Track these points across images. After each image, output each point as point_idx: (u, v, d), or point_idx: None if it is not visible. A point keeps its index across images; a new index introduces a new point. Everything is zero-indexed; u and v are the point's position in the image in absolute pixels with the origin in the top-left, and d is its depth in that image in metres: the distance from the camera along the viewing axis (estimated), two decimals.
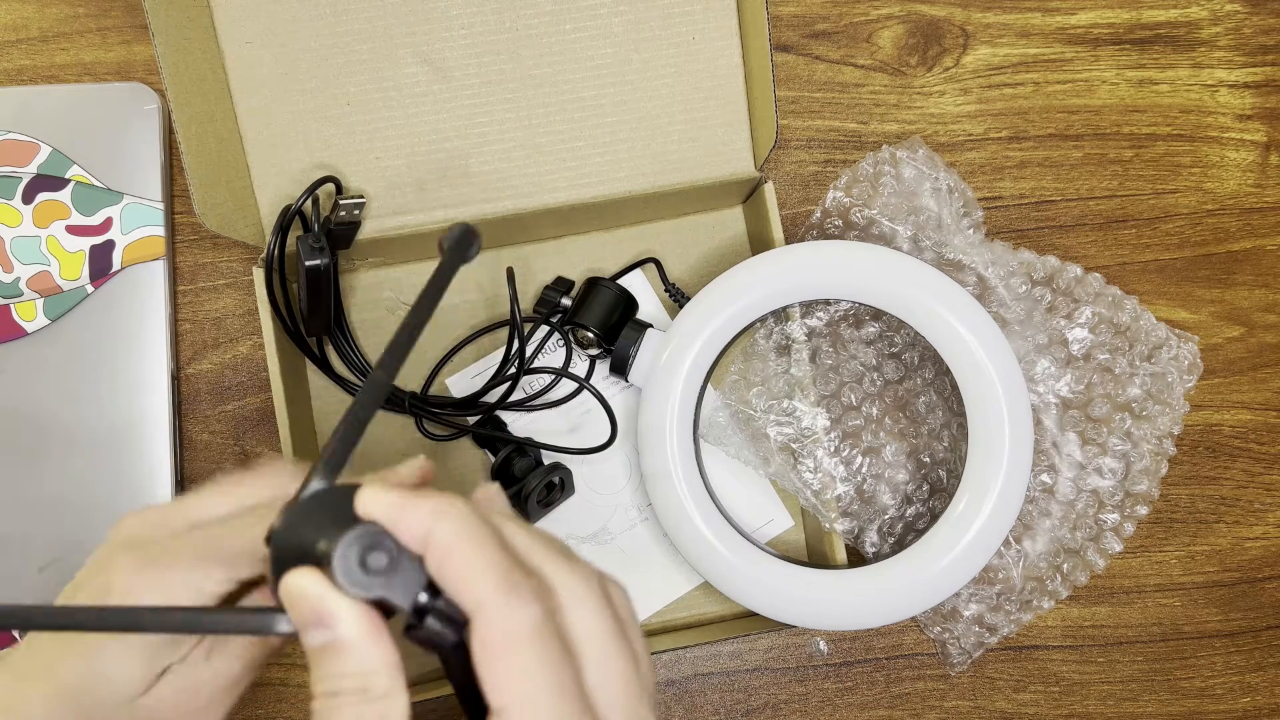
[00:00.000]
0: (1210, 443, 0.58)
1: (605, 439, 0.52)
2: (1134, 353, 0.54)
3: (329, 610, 0.23)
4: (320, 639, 0.23)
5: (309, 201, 0.48)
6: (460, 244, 0.33)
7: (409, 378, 0.54)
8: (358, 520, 0.24)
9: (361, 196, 0.50)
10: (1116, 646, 0.56)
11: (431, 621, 0.24)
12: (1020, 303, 0.53)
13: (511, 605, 0.23)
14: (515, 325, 0.51)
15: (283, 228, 0.48)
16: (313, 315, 0.50)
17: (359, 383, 0.53)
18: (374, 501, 0.24)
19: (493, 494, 0.28)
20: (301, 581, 0.24)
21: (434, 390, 0.54)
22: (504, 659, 0.23)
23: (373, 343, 0.54)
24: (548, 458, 0.53)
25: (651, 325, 0.52)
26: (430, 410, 0.52)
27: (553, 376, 0.53)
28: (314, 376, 0.54)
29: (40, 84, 0.55)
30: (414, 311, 0.30)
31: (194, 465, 0.53)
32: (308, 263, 0.47)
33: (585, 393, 0.54)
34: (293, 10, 0.50)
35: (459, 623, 0.24)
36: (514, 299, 0.51)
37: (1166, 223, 0.59)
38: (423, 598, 0.24)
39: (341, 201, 0.49)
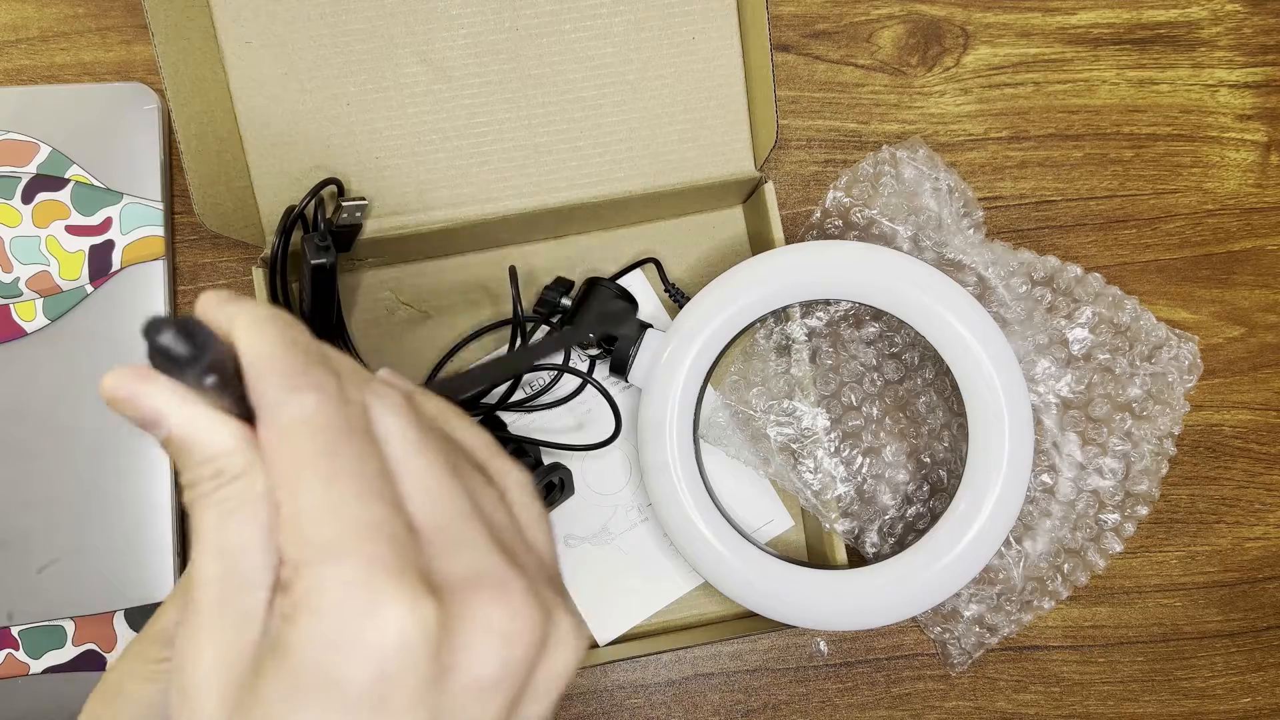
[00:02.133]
0: (1211, 443, 0.58)
1: (607, 436, 0.52)
2: (1134, 353, 0.54)
3: (148, 398, 0.21)
4: (160, 435, 0.21)
5: (310, 206, 0.48)
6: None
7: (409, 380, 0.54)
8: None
9: (364, 199, 0.50)
10: (1117, 647, 0.56)
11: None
12: (1020, 303, 0.53)
13: (287, 394, 0.21)
14: (518, 324, 0.51)
15: (286, 230, 0.48)
16: (315, 316, 0.50)
17: None
18: (202, 300, 0.22)
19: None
20: (109, 378, 0.21)
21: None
22: (281, 456, 0.20)
23: (372, 343, 0.54)
24: (550, 456, 0.53)
25: (651, 325, 0.52)
26: None
27: (554, 375, 0.53)
28: None
29: (40, 84, 0.55)
30: (518, 355, 0.32)
31: None
32: (313, 261, 0.47)
33: (586, 392, 0.54)
34: (293, 10, 0.50)
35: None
36: (516, 298, 0.51)
37: (1167, 223, 0.59)
38: (209, 380, 0.20)
39: (344, 204, 0.49)
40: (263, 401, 0.21)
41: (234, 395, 0.21)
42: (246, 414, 0.22)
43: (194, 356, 0.19)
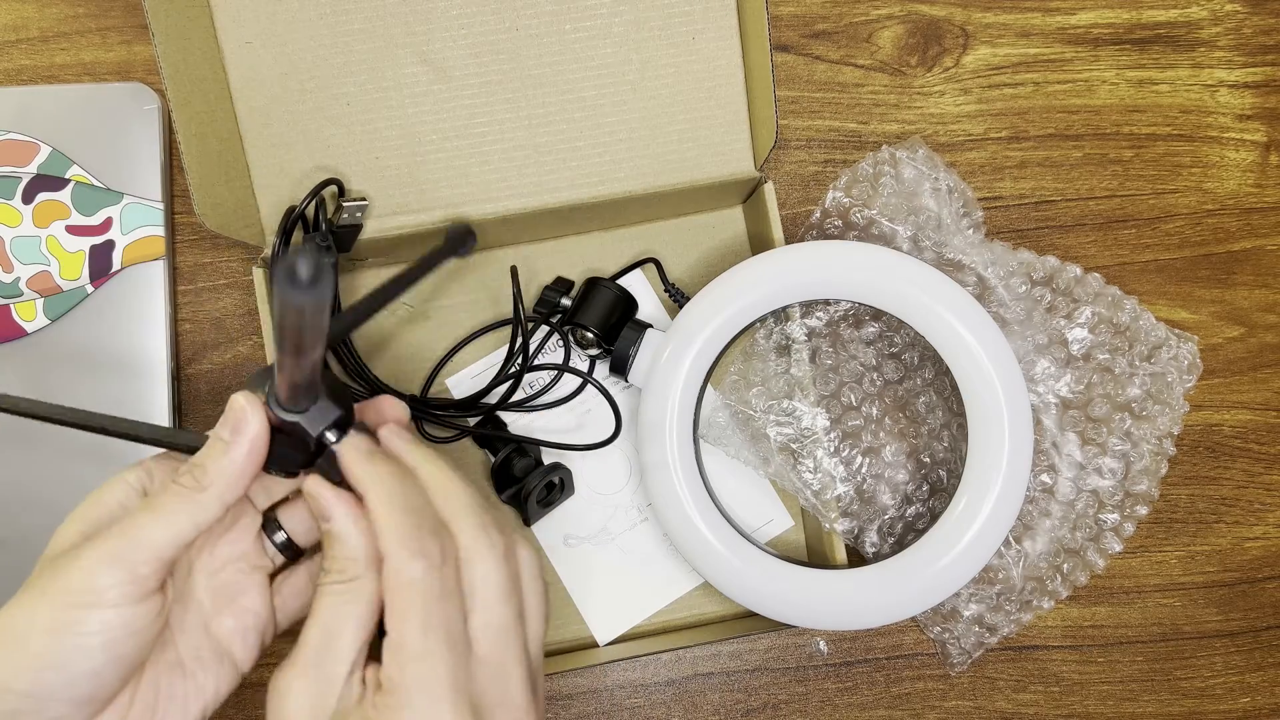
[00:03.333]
0: (1210, 443, 0.58)
1: (608, 436, 0.52)
2: (1134, 353, 0.54)
3: (325, 502, 0.31)
4: (325, 526, 0.31)
5: (310, 207, 0.48)
6: (459, 239, 0.39)
7: (409, 381, 0.54)
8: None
9: (364, 199, 0.50)
10: (1116, 646, 0.56)
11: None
12: (1020, 303, 0.53)
13: (404, 560, 0.29)
14: (519, 322, 0.51)
15: (287, 230, 0.48)
16: None
17: (357, 387, 0.53)
18: (346, 448, 0.31)
19: (399, 413, 0.34)
20: (310, 483, 0.31)
21: (434, 391, 0.54)
22: (393, 601, 0.29)
23: (373, 344, 0.54)
24: (551, 456, 0.53)
25: (651, 325, 0.52)
26: (431, 412, 0.52)
27: (554, 375, 0.53)
28: None
29: (40, 84, 0.55)
30: (392, 282, 0.36)
31: None
32: None
33: (586, 392, 0.54)
34: (293, 10, 0.50)
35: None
36: (517, 296, 0.51)
37: (1166, 223, 0.59)
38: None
39: (344, 204, 0.49)
40: (386, 556, 0.29)
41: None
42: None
43: (308, 286, 0.22)
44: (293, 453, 0.32)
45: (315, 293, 0.23)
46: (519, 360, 0.52)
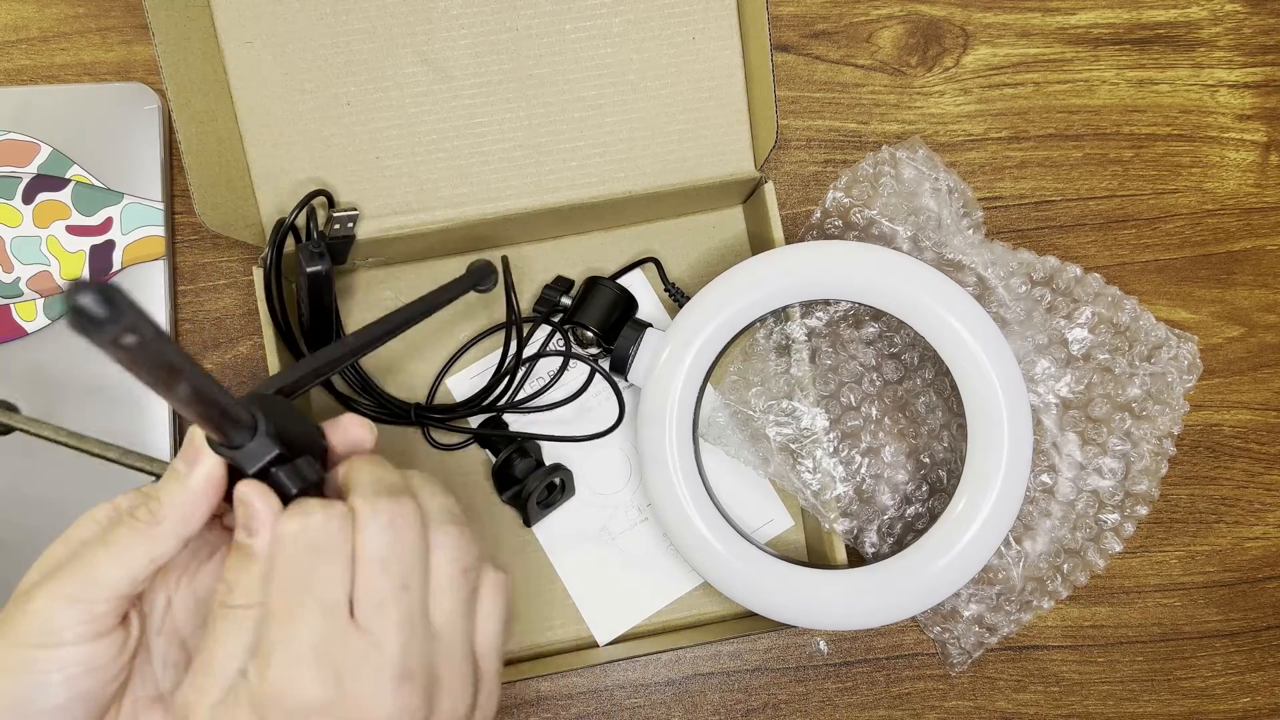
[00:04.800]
0: (1210, 443, 0.58)
1: (610, 425, 0.52)
2: (1134, 353, 0.54)
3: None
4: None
5: (304, 213, 0.48)
6: (481, 274, 0.40)
7: (410, 387, 0.54)
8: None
9: (354, 209, 0.50)
10: (1116, 646, 0.56)
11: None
12: (1020, 303, 0.53)
13: (281, 521, 0.29)
14: (511, 307, 0.51)
15: (278, 242, 0.48)
16: (315, 323, 0.50)
17: (362, 401, 0.53)
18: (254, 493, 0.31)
19: (363, 434, 0.34)
20: (244, 486, 0.31)
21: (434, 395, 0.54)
22: (273, 549, 0.29)
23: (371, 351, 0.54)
24: (553, 450, 0.53)
25: (651, 325, 0.52)
26: (435, 418, 0.52)
27: (556, 372, 0.53)
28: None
29: (40, 84, 0.55)
30: (408, 308, 0.35)
31: None
32: (309, 269, 0.47)
33: (586, 392, 0.54)
34: (293, 10, 0.50)
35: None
36: (510, 287, 0.51)
37: (1166, 223, 0.59)
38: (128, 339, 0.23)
39: (335, 215, 0.49)
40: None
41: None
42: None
43: (109, 319, 0.20)
44: None
45: (120, 324, 0.20)
46: (514, 346, 0.52)
